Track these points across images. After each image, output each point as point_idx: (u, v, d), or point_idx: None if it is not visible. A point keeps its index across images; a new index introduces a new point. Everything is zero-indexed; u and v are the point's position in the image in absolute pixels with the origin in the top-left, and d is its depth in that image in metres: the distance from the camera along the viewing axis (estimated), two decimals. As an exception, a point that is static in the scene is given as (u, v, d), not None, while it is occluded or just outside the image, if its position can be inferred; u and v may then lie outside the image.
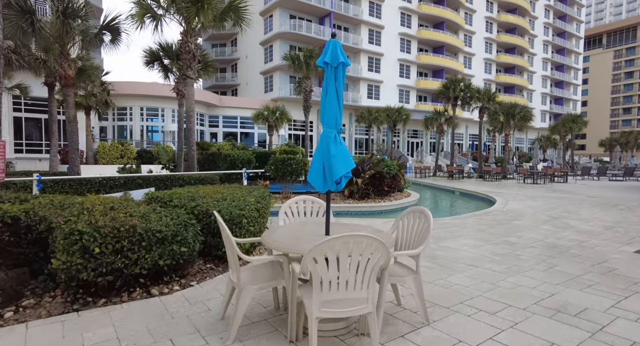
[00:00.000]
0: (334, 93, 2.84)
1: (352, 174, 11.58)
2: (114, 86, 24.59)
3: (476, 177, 25.02)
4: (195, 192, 5.28)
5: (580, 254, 5.28)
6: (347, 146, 2.98)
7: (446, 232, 6.70)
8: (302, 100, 22.25)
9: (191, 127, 10.92)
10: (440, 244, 5.78)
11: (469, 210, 11.73)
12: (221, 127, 32.02)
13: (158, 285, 3.48)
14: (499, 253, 5.26)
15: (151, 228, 3.27)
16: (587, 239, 6.29)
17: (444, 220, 7.94)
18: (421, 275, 3.95)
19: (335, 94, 2.85)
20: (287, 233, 2.96)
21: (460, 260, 4.90)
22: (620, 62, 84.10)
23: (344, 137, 36.99)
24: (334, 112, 2.85)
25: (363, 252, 2.21)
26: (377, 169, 11.33)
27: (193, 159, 10.97)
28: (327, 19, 34.10)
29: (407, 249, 3.22)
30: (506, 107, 24.89)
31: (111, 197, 4.45)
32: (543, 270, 4.45)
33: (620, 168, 30.96)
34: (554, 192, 15.03)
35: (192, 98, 10.86)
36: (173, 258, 3.46)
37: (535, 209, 9.88)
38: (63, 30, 8.95)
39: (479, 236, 6.42)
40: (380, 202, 11.11)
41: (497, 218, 8.32)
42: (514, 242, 5.98)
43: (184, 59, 10.70)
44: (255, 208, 4.51)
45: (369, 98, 36.89)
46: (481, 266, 4.58)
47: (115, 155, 22.59)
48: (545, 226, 7.46)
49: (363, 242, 2.19)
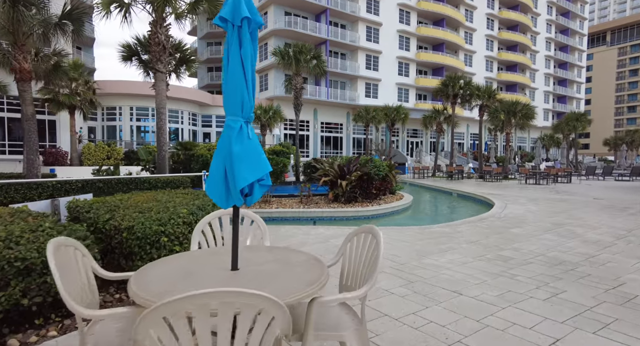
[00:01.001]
0: (238, 65, 1.97)
1: (338, 176, 10.76)
2: (101, 85, 23.79)
3: (476, 178, 24.07)
4: (127, 199, 4.42)
5: (590, 273, 4.38)
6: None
7: (433, 244, 5.81)
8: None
9: (162, 126, 10.07)
10: (423, 261, 4.89)
11: (464, 214, 10.81)
12: (214, 127, 31.19)
13: (23, 332, 2.60)
14: (491, 273, 4.36)
15: (7, 255, 2.40)
16: (597, 252, 5.38)
17: (433, 229, 7.04)
18: (388, 309, 3.13)
19: (241, 67, 1.97)
20: (176, 267, 2.09)
21: (443, 283, 4.01)
22: (624, 59, 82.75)
23: (340, 137, 36.17)
24: (239, 93, 1.97)
25: (243, 319, 1.34)
26: (364, 170, 10.44)
27: (164, 161, 10.11)
28: (324, 15, 33.20)
29: (356, 283, 2.34)
30: (507, 104, 23.92)
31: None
32: (544, 299, 3.55)
33: (626, 168, 29.92)
34: (557, 193, 14.09)
35: (162, 94, 10.01)
36: (48, 293, 2.59)
37: (536, 214, 8.96)
38: (14, 18, 8.12)
39: (469, 249, 5.52)
40: (368, 206, 10.21)
41: (493, 226, 7.41)
42: (510, 257, 5.08)
43: (153, 51, 9.83)
44: (185, 221, 3.63)
45: (367, 97, 35.96)
46: (466, 294, 3.68)
47: (102, 156, 21.80)
48: (548, 235, 6.55)
49: (236, 303, 1.31)
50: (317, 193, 11.39)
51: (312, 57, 18.27)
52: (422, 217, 10.90)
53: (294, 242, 5.93)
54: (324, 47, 32.86)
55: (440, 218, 10.81)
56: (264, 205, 9.90)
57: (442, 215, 11.87)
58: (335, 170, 10.43)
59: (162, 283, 1.83)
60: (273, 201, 10.46)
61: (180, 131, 28.66)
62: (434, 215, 11.84)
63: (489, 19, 46.85)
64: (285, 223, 9.04)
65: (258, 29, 2.07)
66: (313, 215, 9.42)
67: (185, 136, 28.50)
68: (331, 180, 10.38)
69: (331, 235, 6.41)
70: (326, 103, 33.87)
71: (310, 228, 7.05)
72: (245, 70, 1.98)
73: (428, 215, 11.69)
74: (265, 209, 9.48)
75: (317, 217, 9.42)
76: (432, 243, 5.83)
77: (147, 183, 9.05)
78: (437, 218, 10.81)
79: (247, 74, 1.98)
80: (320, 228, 7.11)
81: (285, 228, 6.98)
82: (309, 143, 34.09)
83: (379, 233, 2.23)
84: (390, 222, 9.41)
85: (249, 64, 2.00)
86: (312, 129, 34.17)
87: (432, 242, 5.95)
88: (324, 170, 10.56)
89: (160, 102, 10.00)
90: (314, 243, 5.83)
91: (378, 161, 11.15)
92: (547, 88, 55.11)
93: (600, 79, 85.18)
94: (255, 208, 9.54)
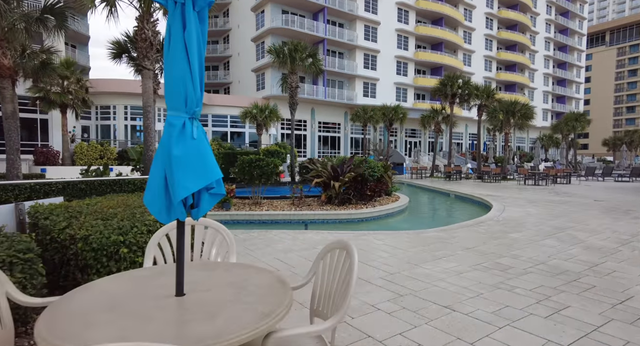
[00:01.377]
0: (181, 50, 1.63)
1: (331, 177, 10.41)
2: (94, 83, 23.41)
3: (475, 178, 23.76)
4: (94, 204, 4.08)
5: (595, 285, 4.05)
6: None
7: (426, 251, 5.47)
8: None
9: (149, 125, 9.71)
10: (415, 270, 4.55)
11: (461, 217, 10.50)
12: (210, 127, 30.82)
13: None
14: (487, 285, 4.03)
15: None
16: (601, 260, 5.06)
17: (428, 234, 6.71)
18: (372, 328, 2.71)
19: (184, 52, 1.63)
20: (107, 292, 1.75)
21: (435, 296, 3.67)
22: (623, 59, 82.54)
23: (338, 137, 35.81)
24: (182, 83, 1.64)
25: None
26: (358, 171, 10.10)
27: (150, 161, 9.76)
28: (321, 14, 32.83)
29: (328, 308, 2.00)
30: (506, 104, 23.60)
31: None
32: (546, 316, 3.22)
33: (625, 168, 29.62)
34: (557, 194, 13.77)
35: (149, 92, 9.66)
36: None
37: (536, 217, 8.63)
38: (-10, 13, 7.77)
39: (465, 257, 5.19)
40: (362, 208, 9.88)
41: (491, 230, 7.08)
42: (509, 266, 4.75)
43: (140, 47, 9.48)
44: (151, 230, 3.29)
45: (364, 97, 35.63)
46: (460, 310, 3.35)
47: (95, 156, 21.44)
48: (548, 240, 6.23)
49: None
50: (310, 194, 11.06)
51: (308, 55, 17.93)
52: (418, 219, 10.57)
53: (280, 247, 5.59)
54: (321, 46, 32.53)
55: (436, 221, 10.48)
56: (254, 208, 9.57)
57: (439, 217, 11.55)
58: (328, 171, 10.10)
59: (77, 320, 1.48)
60: (264, 203, 10.12)
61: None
62: (430, 217, 11.51)
63: (488, 19, 46.54)
64: (275, 226, 8.71)
65: (208, 8, 1.73)
66: (304, 218, 9.08)
67: (180, 136, 28.09)
68: (324, 181, 10.05)
69: (320, 240, 6.07)
70: (324, 102, 33.53)
71: (298, 232, 6.71)
72: (189, 57, 1.64)
73: (424, 217, 11.36)
74: (256, 211, 9.15)
75: (308, 219, 9.09)
76: (426, 250, 5.50)
77: (132, 185, 8.68)
78: (433, 221, 10.49)
79: (192, 61, 1.64)
80: (310, 232, 6.77)
81: (273, 233, 6.64)
82: (306, 143, 33.74)
83: (354, 250, 1.89)
84: (384, 225, 9.08)
85: (194, 49, 1.66)
86: (309, 129, 33.82)
87: (426, 248, 5.62)
88: (317, 170, 10.22)
89: (147, 100, 9.64)
90: (300, 249, 5.49)
91: (373, 162, 10.82)
92: (546, 88, 54.83)
93: (599, 79, 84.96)
94: (245, 211, 9.20)
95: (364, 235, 6.53)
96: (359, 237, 6.31)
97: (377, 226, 8.89)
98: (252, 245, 5.72)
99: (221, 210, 9.13)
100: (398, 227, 9.06)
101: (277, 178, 17.27)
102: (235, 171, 9.34)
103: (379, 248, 5.59)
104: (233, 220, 8.88)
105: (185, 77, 1.64)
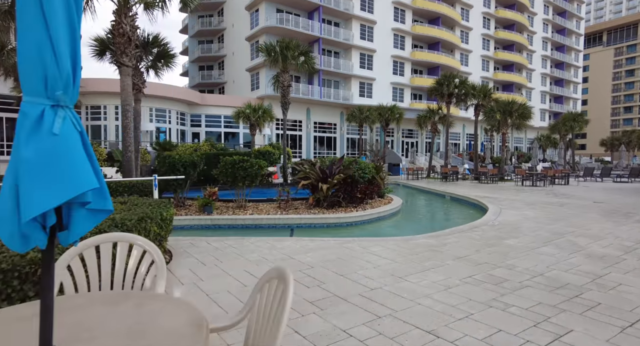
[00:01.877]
0: (35, 6, 1.16)
1: (319, 179, 9.94)
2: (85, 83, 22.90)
3: (471, 179, 23.34)
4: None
5: (600, 301, 3.60)
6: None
7: (415, 261, 5.01)
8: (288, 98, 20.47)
9: (127, 124, 9.22)
10: (400, 284, 4.09)
11: (455, 221, 10.05)
12: (204, 127, 30.33)
13: None
14: (478, 302, 3.57)
15: None
16: (605, 271, 4.61)
17: (417, 240, 6.24)
18: None
19: (40, 9, 1.17)
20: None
21: (418, 318, 3.21)
22: (620, 59, 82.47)
23: (334, 137, 35.34)
24: (38, 56, 1.17)
25: None
26: (348, 172, 9.64)
27: (130, 163, 9.29)
28: (316, 13, 32.39)
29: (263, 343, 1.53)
30: (503, 104, 23.19)
31: None
32: (545, 345, 2.76)
33: (623, 169, 29.27)
34: (555, 196, 13.35)
35: (128, 90, 9.17)
36: None
37: (533, 221, 8.19)
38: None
39: (456, 268, 4.73)
40: (352, 211, 9.41)
41: (485, 236, 6.62)
42: (503, 278, 4.29)
43: (118, 43, 9.00)
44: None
45: (361, 97, 35.19)
46: (445, 336, 2.88)
47: (82, 157, 20.92)
48: (547, 248, 5.78)
49: None
50: (298, 197, 10.58)
51: (300, 53, 17.50)
52: (410, 223, 10.10)
53: (253, 258, 5.12)
54: (316, 45, 32.09)
55: (428, 225, 10.03)
56: (238, 211, 9.07)
57: (432, 221, 11.10)
58: (316, 173, 9.63)
59: None
60: (249, 206, 9.64)
61: (167, 131, 27.83)
62: (423, 221, 11.05)
63: (485, 18, 46.20)
64: (259, 231, 8.23)
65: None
66: (290, 222, 8.61)
67: (173, 136, 27.66)
68: (312, 183, 9.58)
69: (299, 249, 5.60)
70: (319, 102, 33.07)
71: (278, 240, 6.22)
72: (46, 17, 1.17)
73: (416, 221, 10.90)
74: (239, 216, 8.66)
75: (294, 224, 8.62)
76: (414, 260, 5.03)
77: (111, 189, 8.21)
78: (426, 225, 10.03)
79: (50, 20, 1.17)
80: (290, 240, 6.29)
81: (250, 241, 6.15)
82: (301, 143, 33.27)
83: (289, 278, 1.44)
84: (373, 230, 8.59)
85: (58, 7, 1.19)
86: (304, 129, 33.36)
87: (414, 257, 5.16)
88: (304, 172, 9.75)
89: (125, 98, 9.16)
90: (274, 260, 5.02)
91: (363, 163, 10.36)
92: (543, 88, 54.53)
93: (596, 79, 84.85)
94: (227, 215, 8.71)
95: (348, 242, 6.06)
96: (342, 245, 5.84)
97: (366, 231, 8.41)
98: (223, 255, 5.24)
99: (202, 214, 8.65)
100: (388, 232, 8.60)
101: (270, 180, 16.84)
102: (217, 173, 8.86)
103: (361, 257, 5.13)
104: (214, 225, 8.40)
105: (42, 47, 1.17)
